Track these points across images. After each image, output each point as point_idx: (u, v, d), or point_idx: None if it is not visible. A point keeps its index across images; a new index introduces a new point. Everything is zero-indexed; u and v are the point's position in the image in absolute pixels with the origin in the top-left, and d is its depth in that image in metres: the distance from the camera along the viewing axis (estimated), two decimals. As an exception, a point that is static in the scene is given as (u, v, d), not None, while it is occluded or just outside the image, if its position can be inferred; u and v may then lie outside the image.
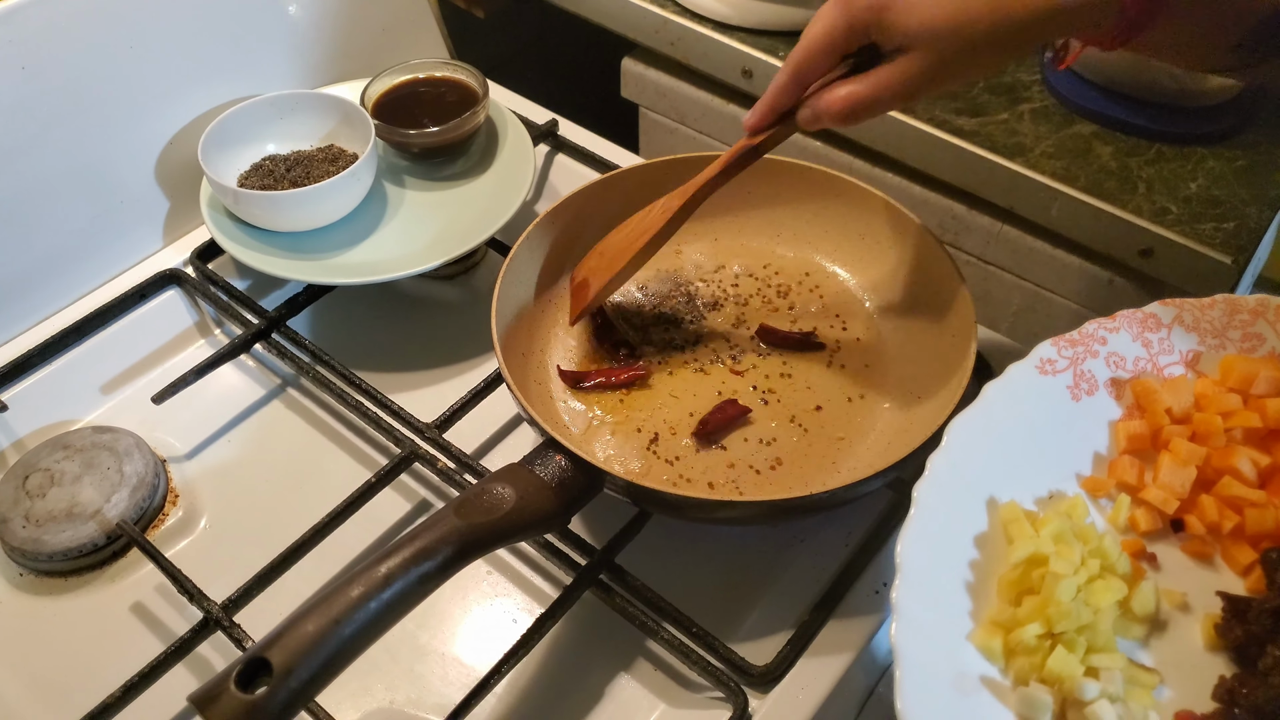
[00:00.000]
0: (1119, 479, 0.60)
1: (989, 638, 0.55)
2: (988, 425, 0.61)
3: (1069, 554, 0.56)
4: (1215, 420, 0.58)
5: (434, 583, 0.61)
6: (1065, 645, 0.54)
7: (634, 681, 0.73)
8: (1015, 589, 0.57)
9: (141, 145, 0.97)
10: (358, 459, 0.86)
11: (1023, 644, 0.54)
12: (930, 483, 0.59)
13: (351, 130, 0.97)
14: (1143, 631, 0.58)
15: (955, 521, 0.59)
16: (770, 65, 1.10)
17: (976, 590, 0.57)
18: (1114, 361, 0.61)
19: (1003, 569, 0.58)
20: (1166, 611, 0.58)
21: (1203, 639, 0.56)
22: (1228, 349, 0.59)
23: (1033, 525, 0.58)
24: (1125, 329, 0.62)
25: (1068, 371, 0.62)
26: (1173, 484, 0.57)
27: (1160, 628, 0.58)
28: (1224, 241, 0.92)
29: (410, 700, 0.72)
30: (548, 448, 0.70)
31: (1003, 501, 0.60)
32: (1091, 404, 0.61)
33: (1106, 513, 0.61)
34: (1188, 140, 1.01)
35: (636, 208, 0.91)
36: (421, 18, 1.17)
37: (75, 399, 0.90)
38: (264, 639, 0.55)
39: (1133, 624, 0.58)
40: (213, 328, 0.97)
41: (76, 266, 0.95)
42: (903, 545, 0.56)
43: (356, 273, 0.90)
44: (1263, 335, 0.59)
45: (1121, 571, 0.58)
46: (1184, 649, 0.57)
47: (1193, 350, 0.61)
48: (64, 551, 0.77)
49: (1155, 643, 0.57)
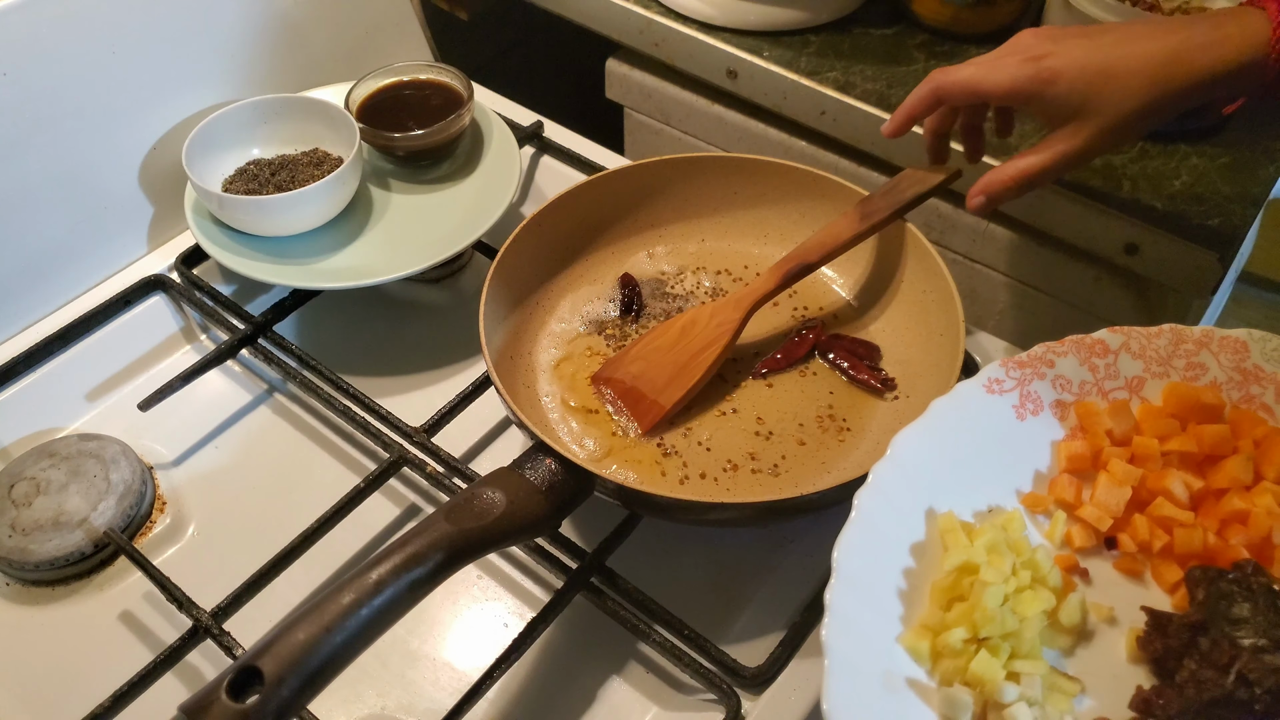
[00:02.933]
0: (1057, 496, 0.61)
1: (917, 640, 0.56)
2: (933, 439, 0.62)
3: (1000, 564, 0.57)
4: (1153, 444, 0.59)
5: (425, 589, 0.61)
6: (989, 650, 0.55)
7: (626, 684, 0.73)
8: (946, 595, 0.58)
9: (125, 150, 0.96)
10: (346, 464, 0.86)
11: (949, 647, 0.55)
12: (872, 490, 0.60)
13: (336, 134, 0.97)
14: (1069, 642, 0.59)
15: (894, 529, 0.60)
16: (755, 66, 1.10)
17: (909, 596, 0.58)
18: (1060, 384, 0.63)
19: (936, 576, 0.59)
20: (1094, 624, 0.59)
21: (1126, 652, 0.57)
22: (1171, 376, 0.61)
23: (969, 536, 0.59)
24: (1073, 354, 0.63)
25: (1014, 391, 0.63)
26: (1108, 503, 0.58)
27: (1087, 639, 0.59)
28: (1208, 238, 0.92)
29: (402, 706, 0.72)
30: (537, 451, 0.70)
31: (941, 512, 0.61)
32: (1035, 424, 0.63)
33: (1044, 528, 0.62)
34: (1172, 138, 1.01)
35: (624, 209, 0.92)
36: (405, 21, 1.17)
37: (60, 406, 0.90)
38: (255, 647, 0.55)
39: (1059, 634, 0.59)
40: (198, 333, 0.97)
41: (60, 273, 0.95)
42: (840, 549, 0.57)
43: (343, 277, 0.90)
44: (1205, 365, 0.61)
45: (1052, 584, 0.59)
46: (1107, 661, 0.58)
47: (1137, 376, 0.62)
48: (51, 560, 0.77)
49: (1080, 653, 0.58)
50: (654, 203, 0.93)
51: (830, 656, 0.53)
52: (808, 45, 1.12)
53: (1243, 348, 0.60)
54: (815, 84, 1.08)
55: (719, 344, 0.81)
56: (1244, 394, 0.60)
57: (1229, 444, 0.58)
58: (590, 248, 0.92)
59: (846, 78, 1.07)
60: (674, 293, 0.90)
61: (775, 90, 1.10)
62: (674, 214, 0.94)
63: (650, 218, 0.94)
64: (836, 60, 1.10)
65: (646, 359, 0.82)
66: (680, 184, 0.93)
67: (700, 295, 0.90)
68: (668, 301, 0.90)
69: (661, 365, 0.81)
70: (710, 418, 0.81)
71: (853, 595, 0.55)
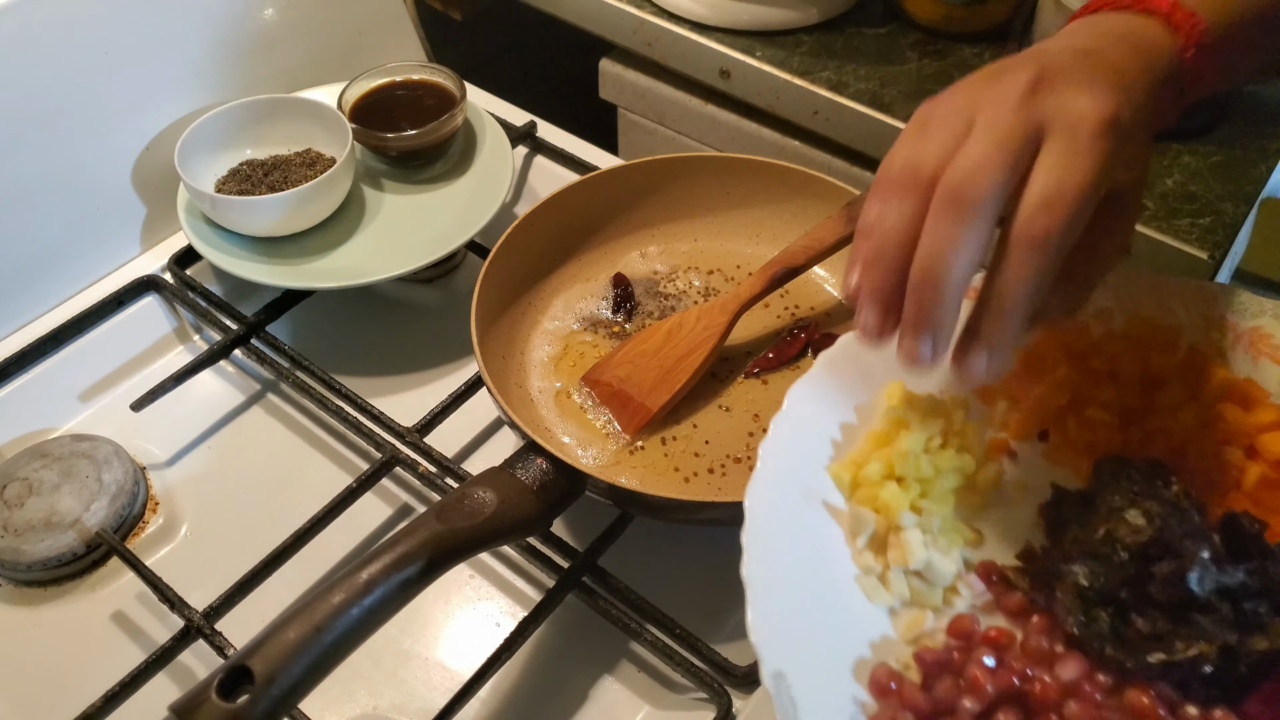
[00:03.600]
0: (1007, 392, 0.63)
1: (842, 470, 0.58)
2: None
3: (930, 424, 0.59)
4: (1100, 359, 0.61)
5: (416, 588, 0.61)
6: (902, 486, 0.57)
7: (618, 683, 0.73)
8: (877, 443, 0.59)
9: (117, 151, 0.96)
10: (338, 464, 0.86)
11: (866, 478, 0.57)
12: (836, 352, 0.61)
13: (329, 134, 0.97)
14: (980, 503, 0.60)
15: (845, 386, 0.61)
16: (748, 65, 1.10)
17: (842, 446, 0.59)
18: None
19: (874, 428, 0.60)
20: (1010, 497, 0.61)
21: (1029, 518, 0.59)
22: (1140, 313, 0.62)
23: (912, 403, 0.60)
24: None
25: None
26: (1048, 400, 0.60)
27: (998, 506, 0.60)
28: (1201, 237, 0.93)
29: (393, 706, 0.72)
30: (529, 451, 0.70)
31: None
32: None
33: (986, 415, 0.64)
34: (1163, 136, 1.01)
35: (617, 209, 0.92)
36: (398, 21, 1.17)
37: (53, 407, 0.90)
38: (245, 647, 0.55)
39: (972, 495, 0.60)
40: (191, 334, 0.97)
41: (53, 274, 0.95)
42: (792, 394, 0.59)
43: (335, 277, 0.90)
44: (1172, 308, 0.62)
45: (975, 452, 0.60)
46: (1010, 525, 0.59)
47: (1107, 308, 0.63)
48: (43, 561, 0.77)
49: (988, 515, 0.60)
50: (647, 202, 0.93)
51: (761, 465, 0.54)
52: (800, 45, 1.12)
53: (1213, 297, 0.61)
54: (808, 84, 1.08)
55: (705, 348, 0.81)
56: (1203, 338, 0.61)
57: (1171, 369, 0.60)
58: (583, 247, 0.92)
59: (839, 77, 1.07)
60: (667, 292, 0.90)
61: (768, 90, 1.10)
62: (667, 214, 0.94)
63: (643, 217, 0.94)
64: (829, 60, 1.10)
65: (633, 362, 0.82)
66: (673, 184, 0.93)
67: (693, 295, 0.90)
68: (660, 301, 0.90)
69: (648, 369, 0.81)
70: (702, 416, 0.81)
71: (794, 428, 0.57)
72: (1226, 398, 0.58)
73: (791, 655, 0.48)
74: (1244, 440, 0.56)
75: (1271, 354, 0.59)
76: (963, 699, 0.48)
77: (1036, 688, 0.48)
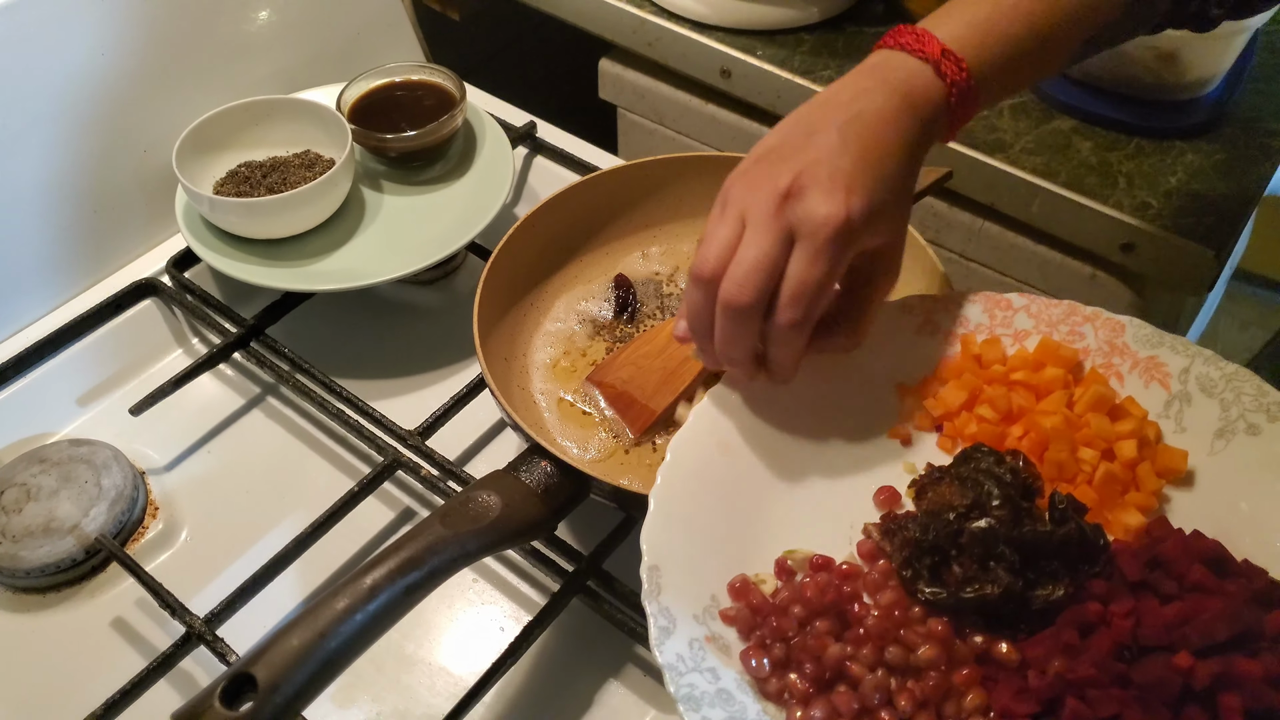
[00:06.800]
0: (921, 390, 0.70)
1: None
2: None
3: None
4: (1001, 369, 0.69)
5: (420, 593, 0.60)
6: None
7: (623, 688, 0.72)
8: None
9: (115, 153, 0.96)
10: (340, 468, 0.86)
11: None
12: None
13: (328, 135, 0.96)
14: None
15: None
16: (748, 65, 1.10)
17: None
18: (961, 321, 0.72)
19: None
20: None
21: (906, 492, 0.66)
22: (1054, 337, 0.70)
23: None
24: (981, 303, 0.72)
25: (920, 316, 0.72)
26: (948, 399, 0.68)
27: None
28: (1204, 235, 0.92)
29: (398, 712, 0.71)
30: (532, 453, 0.70)
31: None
32: (930, 341, 0.72)
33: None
34: (1167, 134, 1.01)
35: (618, 209, 0.92)
36: (397, 21, 1.16)
37: (51, 412, 0.89)
38: (248, 654, 0.54)
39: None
40: (190, 337, 0.96)
41: (51, 277, 0.94)
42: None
43: (335, 279, 0.89)
44: (1084, 334, 0.70)
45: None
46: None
47: (1025, 330, 0.71)
48: (42, 567, 0.76)
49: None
50: (648, 203, 0.93)
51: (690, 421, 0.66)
52: (801, 44, 1.12)
53: (1120, 328, 0.69)
54: (809, 83, 1.08)
55: None
56: (1106, 361, 0.69)
57: (1060, 383, 0.68)
58: (584, 248, 0.92)
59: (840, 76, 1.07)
60: (669, 292, 0.90)
61: (769, 89, 1.10)
62: (668, 214, 0.93)
63: (644, 218, 0.93)
64: (830, 59, 1.10)
65: (636, 364, 0.81)
66: (674, 184, 0.92)
67: (695, 295, 0.89)
68: (662, 301, 0.89)
69: (650, 370, 0.81)
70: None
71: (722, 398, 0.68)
72: (1096, 409, 0.66)
73: (669, 556, 0.60)
74: (1101, 444, 0.65)
75: (1162, 380, 0.68)
76: (793, 605, 0.59)
77: (855, 607, 0.59)
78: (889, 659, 0.56)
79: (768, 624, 0.59)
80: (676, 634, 0.57)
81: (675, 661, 0.56)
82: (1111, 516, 0.63)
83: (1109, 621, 0.56)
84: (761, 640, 0.58)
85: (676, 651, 0.56)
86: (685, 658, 0.57)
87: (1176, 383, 0.67)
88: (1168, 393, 0.67)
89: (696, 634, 0.58)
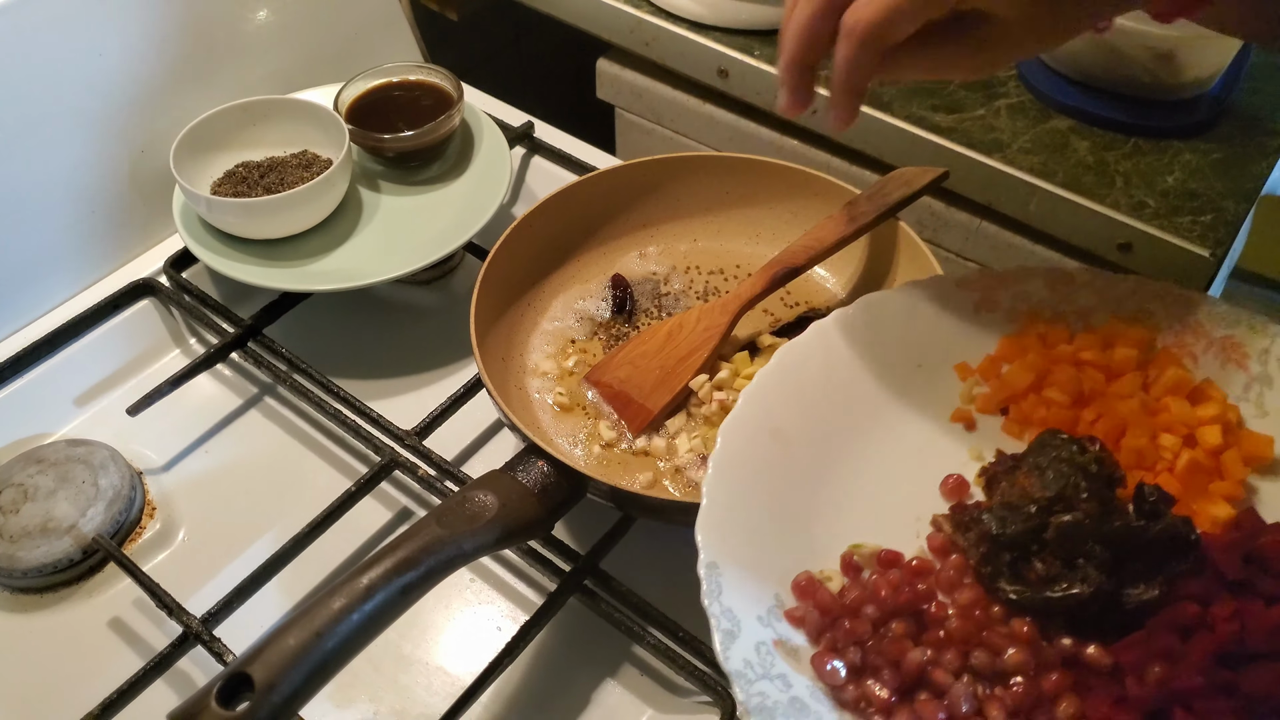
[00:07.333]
0: (983, 370, 0.68)
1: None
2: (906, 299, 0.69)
3: None
4: (1068, 349, 0.66)
5: (417, 593, 0.60)
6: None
7: (620, 687, 0.72)
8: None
9: (112, 154, 0.96)
10: (337, 468, 0.86)
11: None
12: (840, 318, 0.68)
13: (325, 135, 0.96)
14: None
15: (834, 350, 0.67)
16: (746, 64, 1.10)
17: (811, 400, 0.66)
18: (1021, 297, 0.69)
19: None
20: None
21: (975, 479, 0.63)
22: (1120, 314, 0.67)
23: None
24: (1042, 277, 0.69)
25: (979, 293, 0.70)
26: (1013, 381, 0.65)
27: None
28: (1202, 234, 0.92)
29: (395, 711, 0.71)
30: (530, 453, 0.70)
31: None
32: (990, 318, 0.69)
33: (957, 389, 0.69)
34: (1164, 134, 1.01)
35: (615, 209, 0.92)
36: (394, 21, 1.16)
37: (48, 412, 0.89)
38: (245, 653, 0.54)
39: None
40: (188, 337, 0.96)
41: (48, 277, 0.94)
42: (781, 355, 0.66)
43: (332, 279, 0.89)
44: (1153, 311, 0.66)
45: None
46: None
47: (1089, 307, 0.68)
48: (39, 567, 0.76)
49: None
50: (645, 203, 0.93)
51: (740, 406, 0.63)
52: (799, 44, 1.12)
53: (1192, 304, 0.65)
54: (806, 82, 1.07)
55: (705, 349, 0.80)
56: (1178, 341, 0.65)
57: (1131, 363, 0.64)
58: (582, 248, 0.92)
59: (838, 76, 1.07)
60: (666, 292, 0.90)
61: (767, 89, 1.10)
62: (665, 214, 0.93)
63: (642, 218, 0.93)
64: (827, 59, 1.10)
65: (633, 364, 0.81)
66: (672, 184, 0.92)
67: (692, 295, 0.89)
68: (660, 301, 0.89)
69: (648, 370, 0.81)
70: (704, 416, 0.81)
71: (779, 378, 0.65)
72: (1175, 392, 0.63)
73: (727, 552, 0.56)
74: (1182, 430, 0.61)
75: (1239, 361, 0.64)
76: (866, 605, 0.55)
77: (932, 607, 0.55)
78: (974, 664, 0.53)
79: (839, 626, 0.55)
80: (741, 638, 0.54)
81: (743, 668, 0.52)
82: (1197, 508, 0.59)
83: (1209, 624, 0.51)
84: (833, 643, 0.55)
85: (744, 657, 0.53)
86: (754, 664, 0.53)
87: (1256, 364, 0.63)
88: (1246, 374, 0.63)
89: (763, 637, 0.54)
